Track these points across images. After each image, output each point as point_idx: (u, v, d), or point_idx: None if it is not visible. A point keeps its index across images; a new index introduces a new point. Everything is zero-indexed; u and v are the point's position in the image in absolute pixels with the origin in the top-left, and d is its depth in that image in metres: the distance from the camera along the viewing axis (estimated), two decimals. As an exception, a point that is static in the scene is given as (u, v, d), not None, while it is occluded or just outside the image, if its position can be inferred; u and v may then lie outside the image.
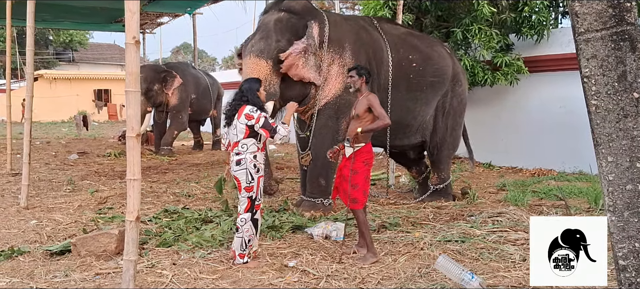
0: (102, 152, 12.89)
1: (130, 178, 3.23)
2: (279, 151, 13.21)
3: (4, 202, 6.96)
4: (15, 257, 4.56)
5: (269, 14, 6.22)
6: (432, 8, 10.09)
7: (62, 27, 26.78)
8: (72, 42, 37.65)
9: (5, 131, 12.28)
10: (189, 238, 5.01)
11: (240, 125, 4.25)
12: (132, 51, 3.14)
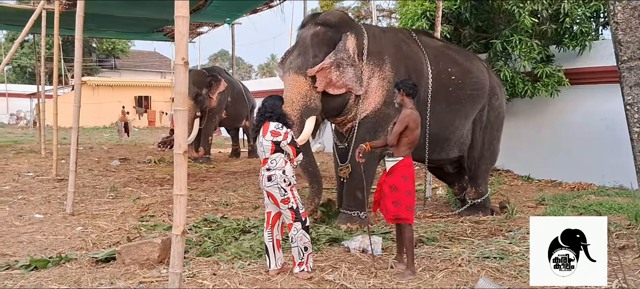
0: (142, 158, 13.23)
1: (176, 194, 3.33)
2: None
3: (50, 208, 7.21)
4: (62, 264, 4.73)
5: (306, 29, 6.28)
6: (471, 19, 10.03)
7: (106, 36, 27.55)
8: (114, 50, 38.69)
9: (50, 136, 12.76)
10: (228, 248, 5.10)
11: (265, 142, 4.32)
12: (181, 72, 3.24)
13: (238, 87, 13.98)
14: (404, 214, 4.40)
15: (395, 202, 4.42)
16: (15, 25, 16.56)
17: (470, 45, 10.23)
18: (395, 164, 4.49)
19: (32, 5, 13.58)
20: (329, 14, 6.35)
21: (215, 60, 50.20)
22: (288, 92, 5.83)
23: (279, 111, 4.45)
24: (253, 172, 10.88)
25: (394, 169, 4.48)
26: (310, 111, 5.82)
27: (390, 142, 4.45)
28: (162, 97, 31.38)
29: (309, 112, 5.81)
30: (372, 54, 6.09)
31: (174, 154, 3.42)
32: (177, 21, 3.25)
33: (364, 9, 25.05)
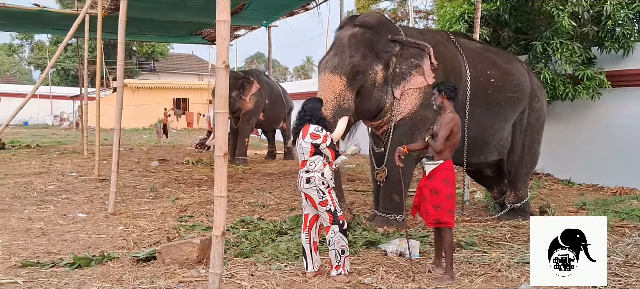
0: (180, 159, 13.44)
1: (217, 195, 3.38)
2: (350, 162, 13.29)
3: (93, 207, 7.40)
4: (105, 262, 4.84)
5: (344, 30, 6.28)
6: (510, 21, 9.87)
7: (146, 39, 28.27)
8: (154, 53, 39.54)
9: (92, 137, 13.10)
10: (265, 250, 5.14)
11: (305, 144, 4.34)
12: (222, 75, 3.29)
13: (276, 90, 14.06)
14: (445, 218, 4.36)
15: (436, 206, 4.38)
16: (59, 30, 17.07)
17: (509, 48, 10.07)
18: (435, 168, 4.44)
19: (76, 10, 14.00)
20: (368, 16, 6.35)
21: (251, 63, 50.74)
22: (322, 91, 5.84)
23: (318, 113, 4.48)
24: (289, 174, 10.94)
25: (434, 173, 4.44)
26: (343, 111, 5.82)
27: (437, 148, 4.39)
28: (199, 99, 31.87)
29: (342, 112, 5.81)
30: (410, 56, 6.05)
31: (214, 156, 3.47)
32: (218, 25, 3.30)
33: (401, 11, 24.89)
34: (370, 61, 5.96)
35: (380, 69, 5.99)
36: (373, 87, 5.98)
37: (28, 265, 4.71)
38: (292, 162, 13.30)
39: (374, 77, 5.97)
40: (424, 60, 6.03)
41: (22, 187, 8.80)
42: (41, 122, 33.81)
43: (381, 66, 5.99)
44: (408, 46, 6.09)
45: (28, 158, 13.21)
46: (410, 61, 6.03)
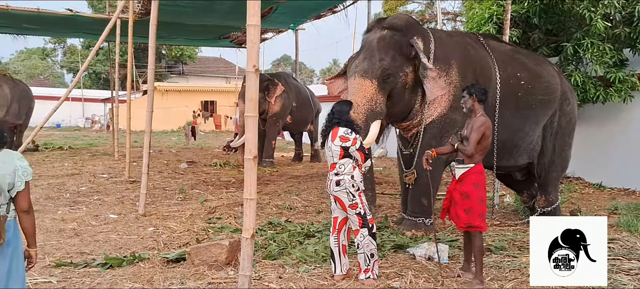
0: (208, 161, 13.58)
1: (246, 197, 3.41)
2: (377, 165, 13.24)
3: (124, 208, 7.53)
4: (136, 263, 4.93)
5: (372, 33, 6.26)
6: (540, 23, 9.72)
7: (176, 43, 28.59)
8: (182, 57, 40.06)
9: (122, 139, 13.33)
10: (293, 252, 5.17)
11: (334, 147, 4.35)
12: (252, 79, 3.33)
13: (304, 93, 14.07)
14: (477, 222, 4.31)
15: (467, 210, 4.33)
16: (91, 34, 17.43)
17: (539, 50, 9.91)
18: (466, 171, 4.40)
19: (108, 14, 14.28)
20: (396, 18, 6.32)
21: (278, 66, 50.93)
22: (353, 96, 5.81)
23: (346, 116, 4.48)
24: (316, 177, 10.96)
25: (465, 176, 4.39)
26: (375, 115, 5.80)
27: (468, 151, 4.35)
28: (227, 102, 32.13)
29: (374, 116, 5.79)
30: (439, 59, 6.00)
31: (244, 159, 3.50)
32: (248, 29, 3.33)
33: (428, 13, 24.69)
34: (400, 64, 5.93)
35: (410, 71, 5.96)
36: (404, 89, 5.96)
37: (62, 265, 4.83)
38: (319, 164, 13.33)
39: (404, 80, 5.95)
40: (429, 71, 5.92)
41: (55, 188, 9.01)
42: (73, 125, 34.55)
43: (411, 68, 5.96)
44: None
45: (61, 160, 13.51)
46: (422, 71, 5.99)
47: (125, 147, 10.37)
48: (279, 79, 12.92)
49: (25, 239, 3.07)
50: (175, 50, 38.20)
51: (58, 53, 48.79)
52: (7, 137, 3.10)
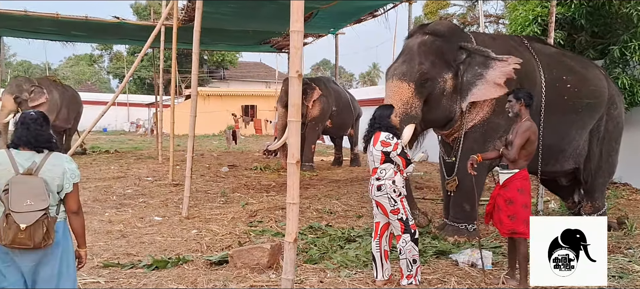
0: (249, 165, 13.73)
1: (289, 202, 3.44)
2: (418, 170, 13.12)
3: (168, 211, 7.68)
4: (180, 265, 5.03)
5: (414, 38, 6.23)
6: (586, 25, 9.47)
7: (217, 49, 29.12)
8: (223, 62, 40.66)
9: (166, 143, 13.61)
10: (334, 257, 5.18)
11: (376, 152, 4.34)
12: (295, 84, 3.36)
13: (345, 97, 14.06)
14: (521, 229, 4.23)
15: (511, 216, 4.26)
16: (136, 40, 17.91)
17: (585, 52, 9.66)
18: (510, 177, 4.33)
19: (152, 21, 14.64)
20: (438, 24, 6.28)
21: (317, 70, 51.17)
22: (389, 98, 5.80)
23: (386, 121, 4.47)
24: (356, 181, 10.95)
25: (509, 182, 4.33)
26: (409, 119, 5.76)
27: (511, 156, 4.28)
28: (267, 106, 32.40)
29: (409, 119, 5.75)
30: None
31: (286, 164, 3.53)
32: (292, 35, 3.36)
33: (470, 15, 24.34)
34: (439, 69, 5.88)
35: (449, 77, 5.89)
36: (442, 95, 5.90)
37: (109, 266, 4.97)
38: (359, 169, 13.30)
39: (443, 86, 5.88)
40: (489, 69, 5.81)
41: (103, 190, 9.28)
42: (119, 129, 35.44)
43: (451, 74, 5.90)
44: (475, 54, 5.95)
45: (107, 163, 13.89)
46: (475, 70, 5.89)
47: (169, 151, 10.58)
48: (319, 84, 12.95)
49: (75, 241, 3.17)
50: (216, 55, 38.81)
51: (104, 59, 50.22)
52: (56, 141, 3.22)
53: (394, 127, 4.52)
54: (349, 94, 14.60)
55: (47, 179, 2.91)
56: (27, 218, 2.78)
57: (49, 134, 3.05)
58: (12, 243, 2.78)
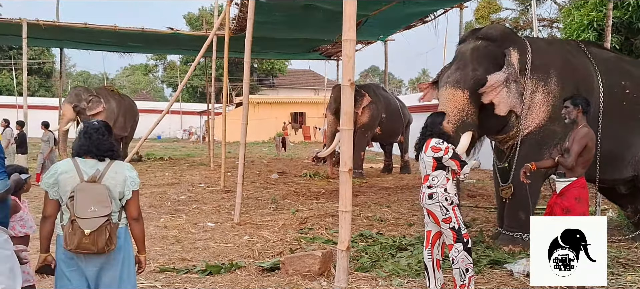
0: (298, 172, 13.84)
1: (342, 210, 3.45)
2: (470, 177, 12.88)
3: (220, 217, 7.83)
4: (233, 270, 5.11)
5: (466, 44, 6.16)
6: (645, 27, 9.08)
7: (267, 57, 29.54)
8: (273, 70, 41.18)
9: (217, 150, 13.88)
10: (386, 265, 5.15)
11: (427, 158, 4.28)
12: (348, 92, 3.37)
13: (394, 104, 13.97)
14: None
15: None
16: (189, 50, 18.40)
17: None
18: (567, 185, 4.21)
19: (205, 32, 15.00)
20: (491, 28, 6.17)
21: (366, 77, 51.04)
22: (444, 106, 5.73)
23: (438, 128, 4.42)
24: (406, 189, 10.86)
25: (566, 190, 4.21)
26: (466, 127, 5.67)
27: (569, 164, 4.16)
28: (315, 113, 32.61)
29: (465, 127, 5.67)
30: (537, 68, 5.79)
31: (339, 172, 3.54)
32: (344, 44, 3.39)
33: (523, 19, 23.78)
34: None
35: None
36: None
37: (165, 270, 5.10)
38: (409, 176, 13.19)
39: None
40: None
41: (158, 196, 9.55)
42: (172, 136, 36.41)
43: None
44: None
45: (161, 170, 14.29)
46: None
47: (220, 158, 10.78)
48: (368, 91, 12.92)
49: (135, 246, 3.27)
50: (266, 63, 39.35)
51: (159, 69, 51.75)
52: (118, 149, 3.34)
53: (445, 134, 4.46)
54: (398, 101, 14.50)
55: (110, 186, 3.02)
56: (91, 223, 2.89)
57: (111, 143, 3.16)
58: (77, 248, 2.89)
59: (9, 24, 13.66)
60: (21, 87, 17.18)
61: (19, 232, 3.29)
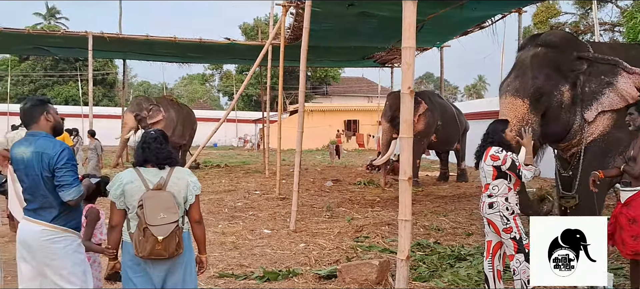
0: (352, 180, 13.81)
1: (401, 219, 3.41)
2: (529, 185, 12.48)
3: (276, 224, 7.90)
4: (291, 277, 5.15)
5: (525, 51, 6.01)
6: None
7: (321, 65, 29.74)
8: (326, 77, 41.37)
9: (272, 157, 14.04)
10: (444, 275, 5.06)
11: (487, 167, 4.19)
12: (407, 100, 3.34)
13: (450, 111, 13.69)
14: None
15: (634, 236, 3.96)
16: (244, 59, 18.77)
17: None
18: (633, 195, 4.03)
19: (260, 41, 15.26)
20: (551, 34, 6.00)
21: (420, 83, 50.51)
22: (503, 116, 5.58)
23: (498, 136, 4.32)
24: (463, 197, 10.65)
25: (632, 200, 4.03)
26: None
27: (636, 173, 3.98)
28: (369, 121, 32.52)
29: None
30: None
31: (399, 181, 3.51)
32: (404, 52, 3.36)
33: (583, 23, 22.97)
34: (555, 82, 5.61)
35: (566, 89, 5.61)
36: (560, 108, 5.61)
37: (224, 276, 5.20)
38: (466, 185, 12.91)
39: (560, 99, 5.61)
40: (618, 77, 5.49)
41: (215, 203, 9.75)
42: (227, 144, 37.11)
43: (568, 86, 5.62)
44: (598, 63, 5.60)
45: (218, 177, 14.58)
46: (600, 79, 5.55)
47: (275, 165, 10.89)
48: (423, 98, 12.71)
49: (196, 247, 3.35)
50: (319, 71, 39.59)
51: (215, 78, 52.97)
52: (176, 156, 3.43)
53: (507, 143, 4.34)
54: (455, 108, 14.22)
55: (175, 192, 3.11)
56: (163, 230, 2.98)
57: (169, 151, 3.26)
58: (150, 255, 2.98)
59: (76, 37, 14.33)
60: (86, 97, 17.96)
61: (99, 240, 3.42)
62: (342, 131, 31.96)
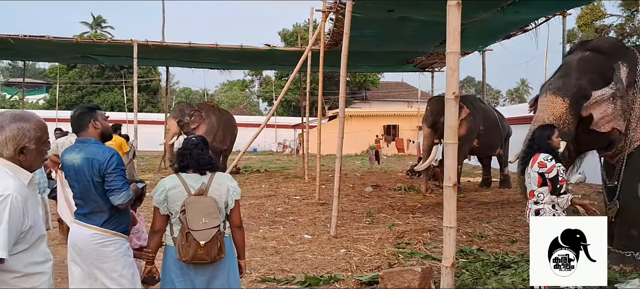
0: (392, 185, 13.71)
1: (446, 225, 3.37)
2: (574, 192, 12.17)
3: (316, 230, 7.92)
4: (332, 283, 5.15)
5: (574, 54, 5.92)
6: None
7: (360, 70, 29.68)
8: (365, 82, 41.26)
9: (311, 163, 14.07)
10: (489, 283, 4.98)
11: (533, 173, 4.11)
12: (452, 106, 3.31)
13: (492, 116, 13.43)
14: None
15: None
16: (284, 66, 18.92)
17: None
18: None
19: (300, 47, 15.34)
20: (601, 40, 5.88)
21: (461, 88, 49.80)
22: (541, 112, 5.49)
23: (545, 143, 4.23)
24: (506, 204, 10.44)
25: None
26: (561, 135, 5.36)
27: None
28: (409, 126, 32.28)
29: (560, 136, 5.36)
30: None
31: (444, 187, 3.47)
32: (448, 57, 3.33)
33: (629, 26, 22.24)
34: (599, 87, 5.45)
35: None
36: None
37: (266, 280, 5.24)
38: (510, 191, 12.65)
39: None
40: None
41: (256, 208, 9.84)
42: (267, 149, 37.43)
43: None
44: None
45: (258, 182, 14.70)
46: None
47: (314, 171, 10.91)
48: (465, 102, 12.50)
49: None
50: (358, 76, 39.50)
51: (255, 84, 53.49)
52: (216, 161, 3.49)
53: (554, 150, 4.25)
54: (497, 113, 13.95)
55: (216, 197, 3.16)
56: (205, 235, 3.03)
57: (209, 156, 3.31)
58: (192, 259, 3.04)
59: (121, 45, 14.72)
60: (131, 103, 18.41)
61: (135, 244, 3.50)
62: (381, 136, 31.78)
